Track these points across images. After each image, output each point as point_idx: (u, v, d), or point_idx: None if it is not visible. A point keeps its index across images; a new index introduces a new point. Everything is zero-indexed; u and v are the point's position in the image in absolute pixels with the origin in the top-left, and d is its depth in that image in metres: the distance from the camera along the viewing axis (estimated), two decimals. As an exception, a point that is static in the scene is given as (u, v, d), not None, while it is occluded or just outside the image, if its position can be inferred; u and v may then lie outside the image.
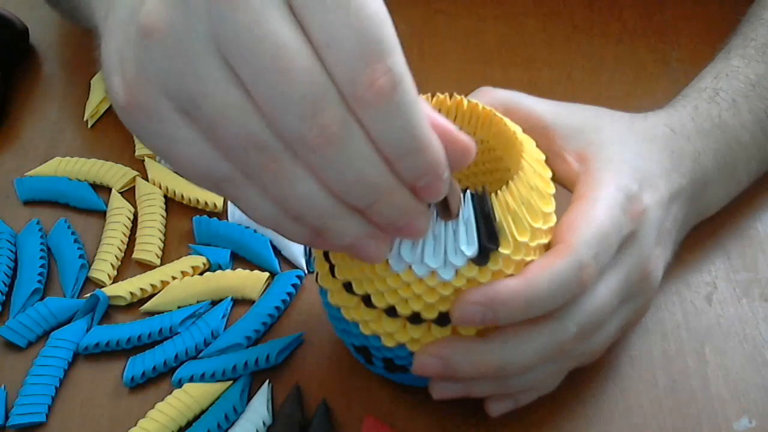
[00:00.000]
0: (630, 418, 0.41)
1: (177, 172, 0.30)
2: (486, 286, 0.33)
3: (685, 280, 0.46)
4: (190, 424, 0.41)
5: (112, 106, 0.29)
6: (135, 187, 0.52)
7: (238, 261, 0.48)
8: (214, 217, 0.50)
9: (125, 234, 0.49)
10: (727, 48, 0.48)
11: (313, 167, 0.28)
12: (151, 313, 0.46)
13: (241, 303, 0.46)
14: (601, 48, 0.59)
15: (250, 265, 0.48)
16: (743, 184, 0.46)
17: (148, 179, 0.52)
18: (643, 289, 0.39)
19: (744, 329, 0.44)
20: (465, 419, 0.41)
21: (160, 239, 0.49)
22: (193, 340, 0.44)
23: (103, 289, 0.46)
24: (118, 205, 0.50)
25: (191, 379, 0.42)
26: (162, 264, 0.48)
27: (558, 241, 0.35)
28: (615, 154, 0.39)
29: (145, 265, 0.48)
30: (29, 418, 0.42)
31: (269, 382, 0.42)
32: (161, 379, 0.43)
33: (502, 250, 0.33)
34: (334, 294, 0.37)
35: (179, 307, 0.46)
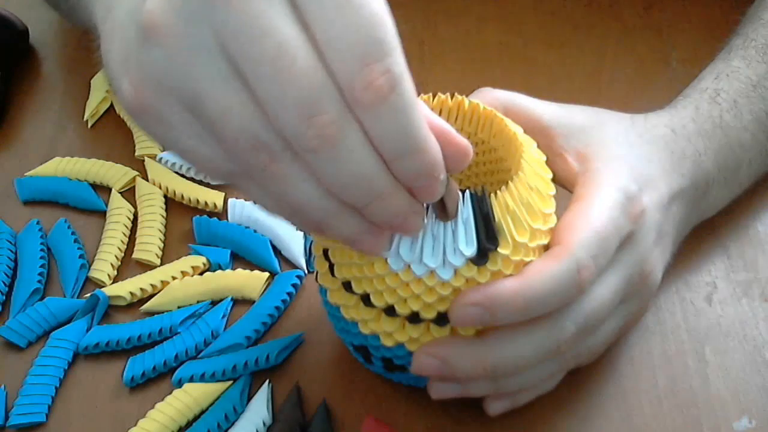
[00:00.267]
0: (630, 418, 0.41)
1: (192, 166, 0.31)
2: (484, 287, 0.33)
3: (685, 280, 0.46)
4: (190, 424, 0.41)
5: (122, 107, 0.30)
6: (135, 187, 0.52)
7: (238, 261, 0.48)
8: (214, 217, 0.50)
9: (125, 234, 0.49)
10: (727, 48, 0.48)
11: (311, 167, 0.28)
12: (151, 313, 0.46)
13: (241, 303, 0.46)
14: (601, 48, 0.59)
15: (250, 265, 0.48)
16: (744, 185, 0.46)
17: (148, 179, 0.52)
18: (642, 290, 0.39)
19: (744, 329, 0.43)
20: (465, 419, 0.41)
21: (160, 239, 0.49)
22: (193, 340, 0.44)
23: (103, 289, 0.46)
24: (118, 205, 0.50)
25: (191, 379, 0.42)
26: (162, 264, 0.48)
27: (557, 242, 0.35)
28: (615, 155, 0.39)
29: (145, 265, 0.48)
30: (29, 418, 0.42)
31: (269, 382, 0.42)
32: (161, 379, 0.43)
33: (501, 251, 0.33)
34: (334, 293, 0.37)
35: (179, 307, 0.46)
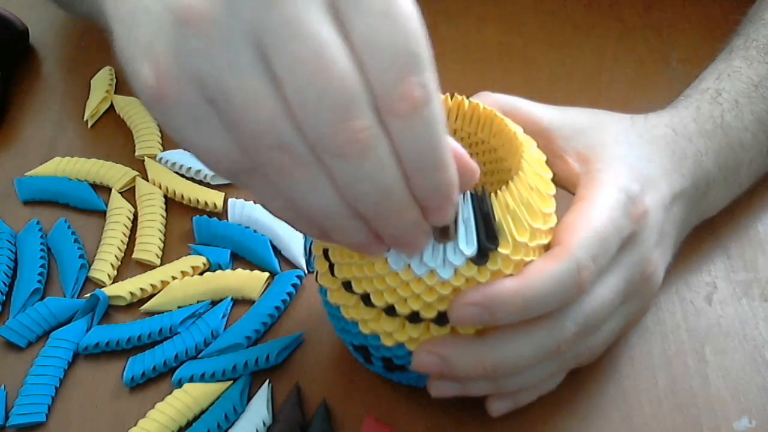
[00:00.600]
0: (630, 418, 0.41)
1: (199, 159, 0.30)
2: (483, 287, 0.33)
3: (685, 280, 0.46)
4: (190, 424, 0.41)
5: (136, 92, 0.29)
6: (135, 187, 0.52)
7: (238, 261, 0.48)
8: (214, 217, 0.50)
9: (125, 234, 0.49)
10: (728, 49, 0.48)
11: (332, 171, 0.28)
12: (151, 313, 0.46)
13: (241, 303, 0.46)
14: (601, 48, 0.59)
15: (250, 265, 0.48)
16: (744, 185, 0.46)
17: (148, 179, 0.52)
18: (644, 291, 0.39)
19: (744, 329, 0.43)
20: (465, 419, 0.41)
21: (160, 239, 0.49)
22: (193, 340, 0.44)
23: (103, 289, 0.46)
24: (118, 205, 0.50)
25: (191, 379, 0.42)
26: (162, 264, 0.48)
27: (557, 242, 0.35)
28: (616, 155, 0.39)
29: (145, 265, 0.48)
30: (29, 418, 0.42)
31: (269, 382, 0.42)
32: (161, 379, 0.43)
33: (501, 250, 0.33)
34: (334, 293, 0.37)
35: (179, 307, 0.46)
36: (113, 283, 0.47)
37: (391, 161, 0.28)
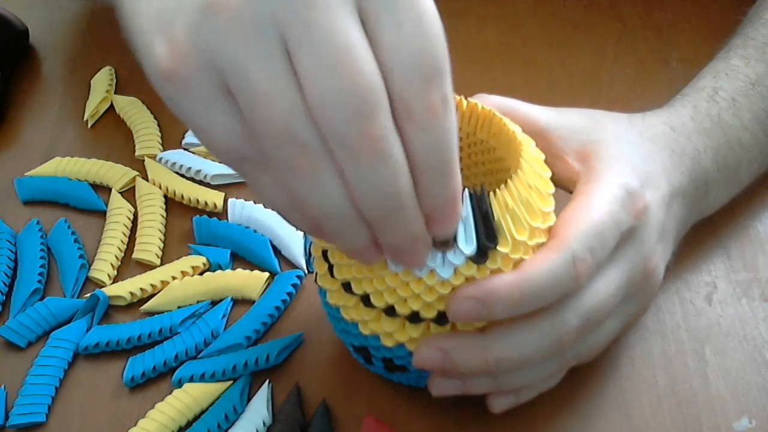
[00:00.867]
0: (630, 418, 0.41)
1: (201, 141, 0.30)
2: (481, 282, 0.33)
3: (685, 280, 0.46)
4: (190, 424, 0.41)
5: (145, 67, 0.29)
6: (135, 187, 0.52)
7: (238, 261, 0.48)
8: (214, 217, 0.50)
9: (125, 234, 0.49)
10: (727, 48, 0.48)
11: (343, 172, 0.28)
12: (151, 313, 0.46)
13: (241, 303, 0.46)
14: (601, 48, 0.59)
15: (250, 265, 0.48)
16: (744, 184, 0.46)
17: (148, 179, 0.52)
18: (645, 287, 0.39)
19: (744, 329, 0.43)
20: (465, 419, 0.41)
21: (160, 239, 0.49)
22: (193, 340, 0.44)
23: (103, 289, 0.46)
24: (118, 205, 0.50)
25: (191, 379, 0.42)
26: (162, 264, 0.48)
27: (554, 235, 0.35)
28: (616, 153, 0.39)
29: (145, 265, 0.48)
30: (29, 418, 0.42)
31: (269, 382, 0.42)
32: (161, 379, 0.43)
33: (501, 249, 0.33)
34: (333, 294, 0.37)
35: (179, 307, 0.46)
36: (113, 283, 0.47)
37: (404, 168, 0.28)
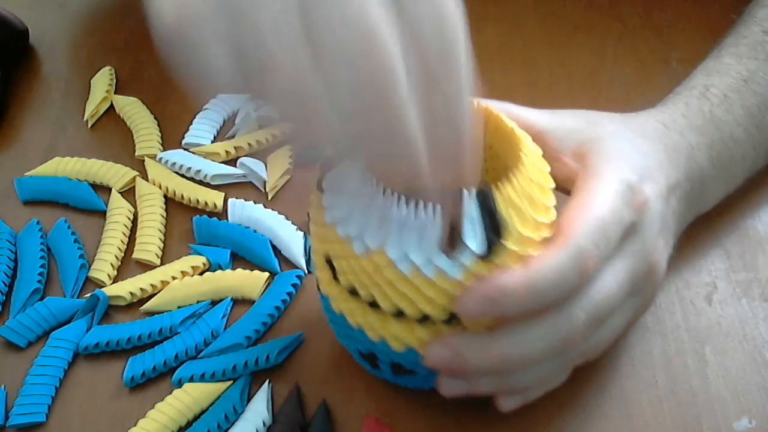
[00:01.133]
0: (630, 418, 0.41)
1: (196, 78, 0.29)
2: (489, 279, 0.33)
3: (685, 280, 0.46)
4: (190, 424, 0.41)
5: (159, 16, 0.28)
6: (135, 187, 0.52)
7: (238, 261, 0.48)
8: (214, 217, 0.50)
9: (125, 234, 0.49)
10: (719, 47, 0.48)
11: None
12: (151, 313, 0.46)
13: (241, 303, 0.46)
14: (601, 48, 0.59)
15: (250, 265, 0.48)
16: (739, 180, 0.46)
17: (148, 179, 0.52)
18: (649, 282, 0.39)
19: (744, 329, 0.44)
20: (465, 419, 0.41)
21: (160, 239, 0.49)
22: (193, 340, 0.44)
23: (103, 289, 0.46)
24: (118, 205, 0.50)
25: (191, 379, 0.42)
26: (162, 264, 0.48)
27: (559, 233, 0.35)
28: (613, 149, 0.39)
29: (145, 265, 0.48)
30: (29, 418, 0.42)
31: (269, 382, 0.42)
32: (161, 379, 0.43)
33: (509, 245, 0.33)
34: (338, 300, 0.37)
35: (179, 307, 0.46)
36: (113, 283, 0.47)
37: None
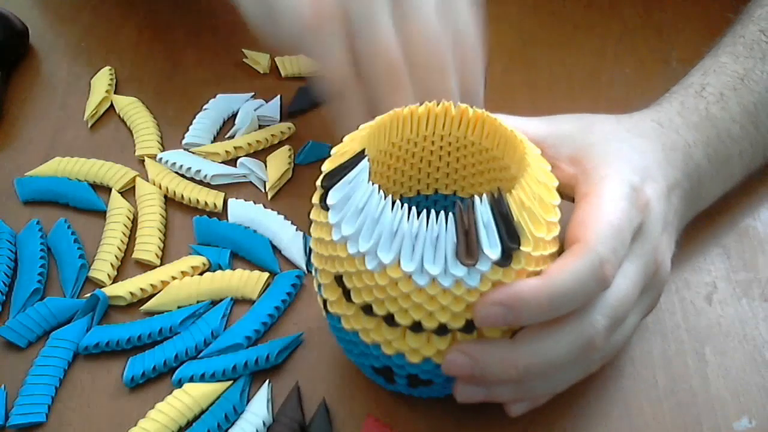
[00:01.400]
0: (630, 418, 0.41)
1: (319, 68, 0.43)
2: (507, 287, 0.33)
3: (685, 280, 0.46)
4: (190, 424, 0.41)
5: (290, 20, 0.41)
6: (135, 187, 0.52)
7: (238, 261, 0.48)
8: (214, 217, 0.50)
9: (125, 234, 0.49)
10: (716, 46, 0.48)
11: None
12: (151, 313, 0.46)
13: (241, 303, 0.46)
14: (601, 48, 0.59)
15: (250, 265, 0.48)
16: (736, 177, 0.46)
17: (148, 179, 0.52)
18: (657, 280, 0.39)
19: (744, 329, 0.44)
20: (465, 419, 0.41)
21: (160, 239, 0.49)
22: (193, 340, 0.44)
23: (103, 289, 0.46)
24: (118, 205, 0.50)
25: (191, 379, 0.42)
26: (162, 264, 0.48)
27: (573, 240, 0.35)
28: (611, 151, 0.39)
29: (145, 265, 0.48)
30: (29, 418, 0.42)
31: (269, 382, 0.42)
32: (161, 379, 0.43)
33: (524, 248, 0.33)
34: (350, 318, 0.36)
35: (179, 307, 0.46)
36: (113, 283, 0.47)
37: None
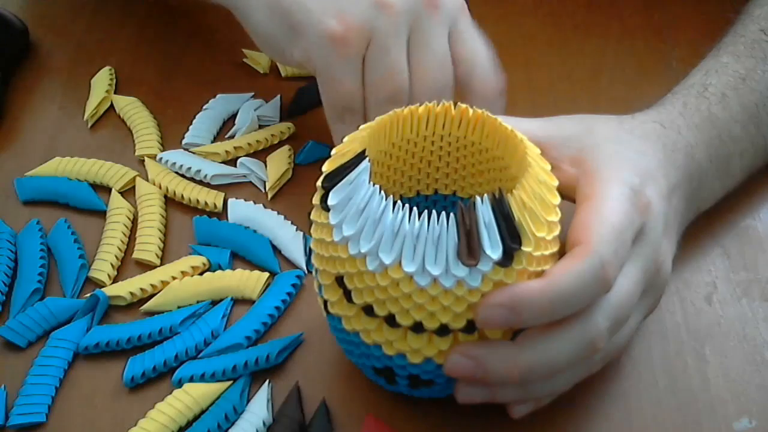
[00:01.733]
0: (630, 418, 0.41)
1: (329, 89, 0.46)
2: (509, 288, 0.33)
3: (685, 280, 0.46)
4: (190, 424, 0.41)
5: (319, 37, 0.44)
6: (135, 187, 0.52)
7: (238, 261, 0.48)
8: (214, 217, 0.50)
9: (125, 234, 0.49)
10: (718, 46, 0.48)
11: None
12: (151, 313, 0.46)
13: (241, 303, 0.46)
14: (601, 48, 0.59)
15: (250, 265, 0.48)
16: (737, 177, 0.46)
17: (148, 179, 0.52)
18: (658, 281, 0.39)
19: (744, 329, 0.44)
20: (465, 419, 0.41)
21: (160, 239, 0.49)
22: (193, 340, 0.44)
23: (103, 289, 0.46)
24: (118, 205, 0.50)
25: (191, 379, 0.42)
26: (162, 264, 0.48)
27: (575, 242, 0.35)
28: (612, 152, 0.39)
29: (145, 265, 0.48)
30: (29, 418, 0.42)
31: (269, 382, 0.42)
32: (161, 379, 0.43)
33: (525, 248, 0.33)
34: (351, 319, 0.36)
35: (179, 307, 0.46)
36: (113, 283, 0.47)
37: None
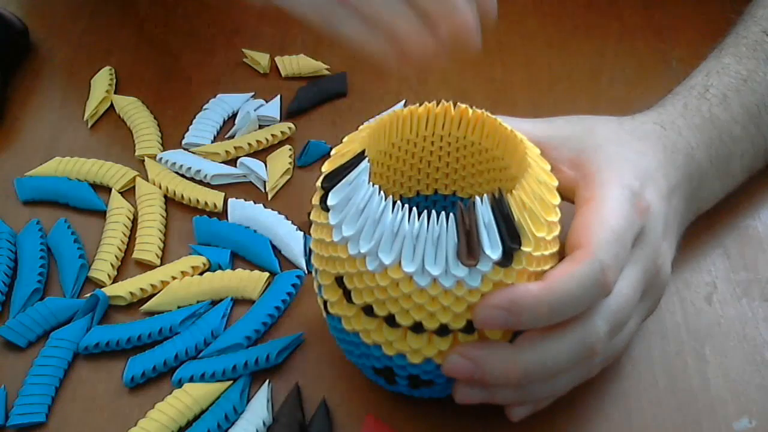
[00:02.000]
0: (630, 418, 0.41)
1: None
2: (508, 290, 0.33)
3: (685, 280, 0.46)
4: (190, 424, 0.41)
5: None
6: (135, 187, 0.52)
7: (238, 261, 0.48)
8: (214, 217, 0.50)
9: (125, 234, 0.49)
10: (719, 47, 0.48)
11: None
12: (151, 313, 0.46)
13: (241, 303, 0.46)
14: (601, 48, 0.59)
15: (250, 265, 0.48)
16: (738, 178, 0.46)
17: (148, 179, 0.52)
18: (657, 284, 0.39)
19: (744, 329, 0.44)
20: (465, 419, 0.41)
21: (160, 239, 0.49)
22: (193, 340, 0.44)
23: (103, 289, 0.46)
24: (118, 205, 0.50)
25: (191, 379, 0.42)
26: (162, 264, 0.48)
27: (575, 245, 0.35)
28: (611, 154, 0.39)
29: (145, 265, 0.48)
30: (29, 418, 0.42)
31: (269, 382, 0.42)
32: (161, 379, 0.43)
33: (525, 249, 0.33)
34: (351, 319, 0.36)
35: (179, 307, 0.46)
36: (113, 283, 0.47)
37: None
